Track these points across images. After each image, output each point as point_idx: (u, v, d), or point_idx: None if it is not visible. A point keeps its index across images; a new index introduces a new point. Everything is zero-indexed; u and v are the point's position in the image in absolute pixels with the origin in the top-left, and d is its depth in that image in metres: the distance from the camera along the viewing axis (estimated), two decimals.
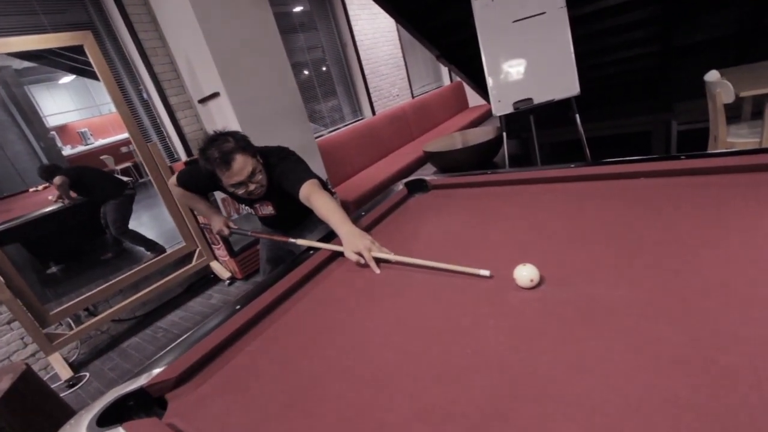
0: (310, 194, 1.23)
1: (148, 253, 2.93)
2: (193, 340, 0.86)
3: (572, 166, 1.23)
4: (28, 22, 2.55)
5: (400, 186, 1.51)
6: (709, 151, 1.05)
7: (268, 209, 1.52)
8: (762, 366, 0.47)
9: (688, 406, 0.45)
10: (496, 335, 0.65)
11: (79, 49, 2.39)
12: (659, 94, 3.22)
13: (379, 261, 0.99)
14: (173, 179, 1.59)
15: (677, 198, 0.93)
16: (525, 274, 0.73)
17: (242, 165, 1.26)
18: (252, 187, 1.31)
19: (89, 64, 2.41)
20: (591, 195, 1.08)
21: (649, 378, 0.50)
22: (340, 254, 1.08)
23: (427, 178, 1.50)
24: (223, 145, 1.25)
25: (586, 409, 0.48)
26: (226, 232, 1.62)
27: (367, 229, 1.22)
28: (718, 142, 1.98)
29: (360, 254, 0.99)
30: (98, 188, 2.82)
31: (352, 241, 1.01)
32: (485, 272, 0.80)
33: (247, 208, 1.60)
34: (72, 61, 2.73)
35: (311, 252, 1.13)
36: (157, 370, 0.77)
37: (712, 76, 2.01)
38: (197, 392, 0.74)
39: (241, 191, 1.32)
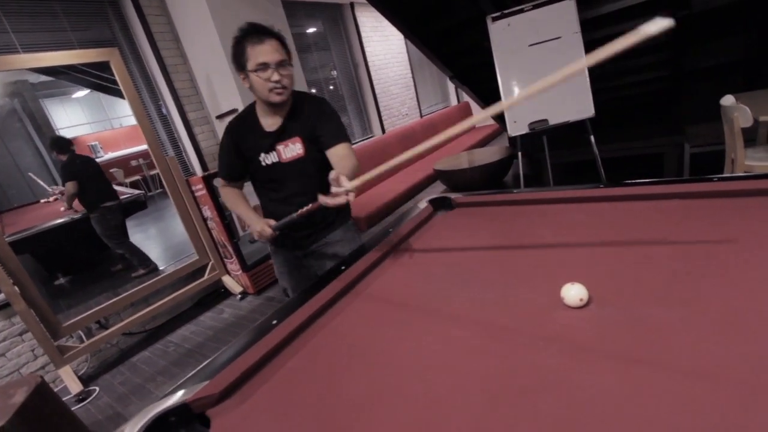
0: (348, 155, 1.26)
1: (138, 267, 2.94)
2: (230, 356, 0.85)
3: (601, 186, 1.23)
4: (55, 38, 2.62)
5: (424, 203, 1.52)
6: (745, 173, 1.05)
7: (296, 148, 1.32)
8: None
9: None
10: (550, 355, 0.64)
11: (96, 65, 2.46)
12: (671, 117, 3.26)
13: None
14: (220, 180, 1.48)
15: (717, 219, 0.93)
16: (573, 293, 0.73)
17: (276, 47, 1.18)
18: (276, 77, 1.18)
19: (106, 79, 2.48)
20: (625, 215, 1.08)
21: (719, 404, 0.49)
22: (377, 265, 1.11)
23: (452, 196, 1.50)
24: (261, 25, 1.20)
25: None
26: (268, 232, 1.26)
27: (397, 245, 1.23)
28: (736, 165, 2.00)
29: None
30: (92, 185, 2.81)
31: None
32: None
33: (267, 155, 1.34)
34: (88, 75, 2.80)
35: (343, 268, 1.13)
36: (185, 389, 0.76)
37: (728, 100, 2.04)
38: (240, 410, 0.72)
39: (265, 76, 1.18)
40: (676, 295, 0.71)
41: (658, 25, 0.56)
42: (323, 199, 1.05)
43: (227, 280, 2.94)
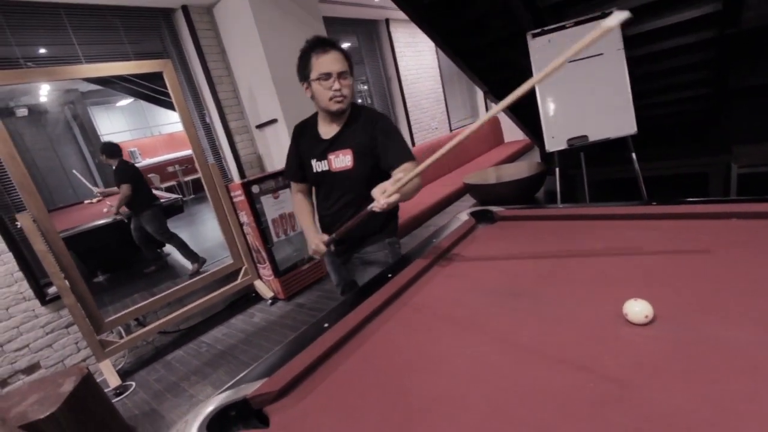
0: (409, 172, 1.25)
1: (188, 262, 3.04)
2: (283, 356, 0.87)
3: (654, 203, 1.21)
4: (111, 50, 2.80)
5: (465, 215, 1.52)
6: None
7: (346, 160, 1.32)
8: None
9: None
10: (619, 371, 0.63)
11: (144, 75, 2.62)
12: (715, 136, 3.15)
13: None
14: (293, 186, 1.54)
15: None
16: (638, 309, 0.71)
17: (338, 58, 1.23)
18: (337, 86, 1.23)
19: (151, 89, 2.64)
20: (681, 233, 1.05)
21: None
22: (422, 274, 1.10)
23: (493, 209, 1.50)
24: (326, 37, 1.28)
25: None
26: (322, 249, 1.33)
27: (441, 255, 1.23)
28: None
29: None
30: (143, 188, 2.97)
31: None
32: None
33: (319, 162, 1.39)
34: (135, 85, 2.97)
35: (389, 276, 1.14)
36: (255, 383, 0.78)
37: None
38: (298, 407, 0.74)
39: (327, 84, 1.24)
40: (745, 314, 0.69)
41: (617, 18, 0.58)
42: (371, 206, 1.09)
43: (259, 284, 3.00)
